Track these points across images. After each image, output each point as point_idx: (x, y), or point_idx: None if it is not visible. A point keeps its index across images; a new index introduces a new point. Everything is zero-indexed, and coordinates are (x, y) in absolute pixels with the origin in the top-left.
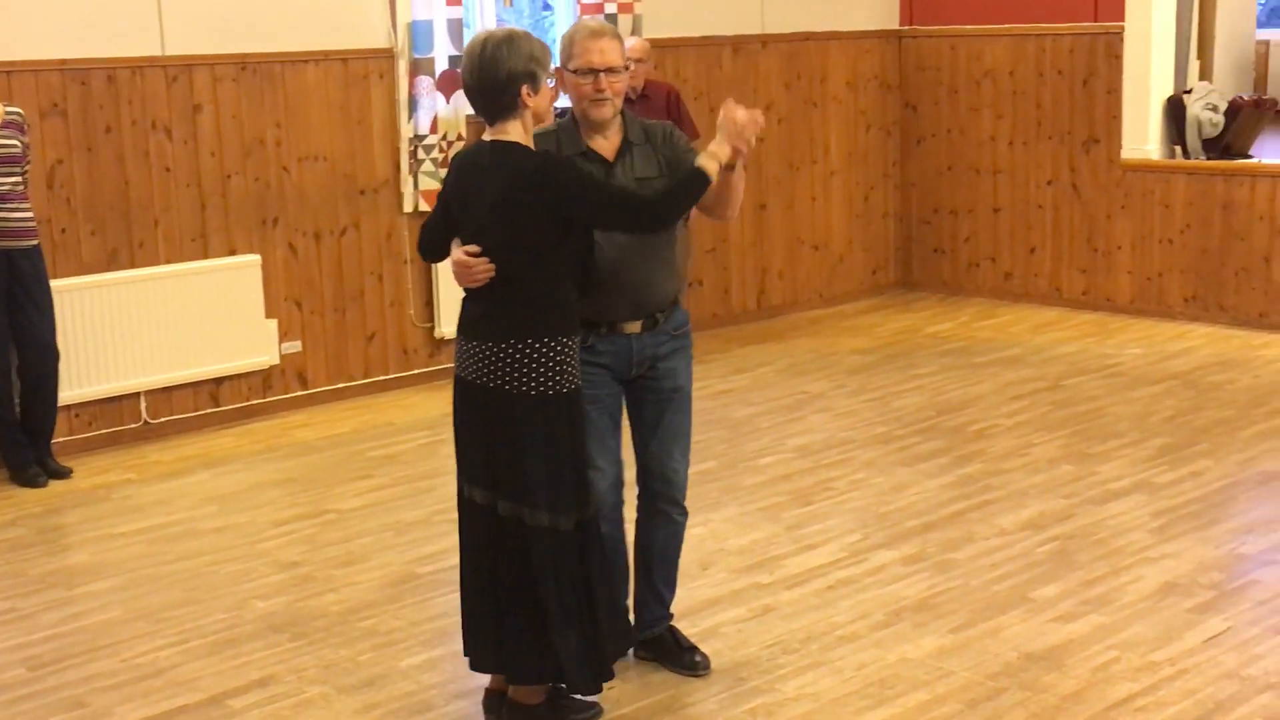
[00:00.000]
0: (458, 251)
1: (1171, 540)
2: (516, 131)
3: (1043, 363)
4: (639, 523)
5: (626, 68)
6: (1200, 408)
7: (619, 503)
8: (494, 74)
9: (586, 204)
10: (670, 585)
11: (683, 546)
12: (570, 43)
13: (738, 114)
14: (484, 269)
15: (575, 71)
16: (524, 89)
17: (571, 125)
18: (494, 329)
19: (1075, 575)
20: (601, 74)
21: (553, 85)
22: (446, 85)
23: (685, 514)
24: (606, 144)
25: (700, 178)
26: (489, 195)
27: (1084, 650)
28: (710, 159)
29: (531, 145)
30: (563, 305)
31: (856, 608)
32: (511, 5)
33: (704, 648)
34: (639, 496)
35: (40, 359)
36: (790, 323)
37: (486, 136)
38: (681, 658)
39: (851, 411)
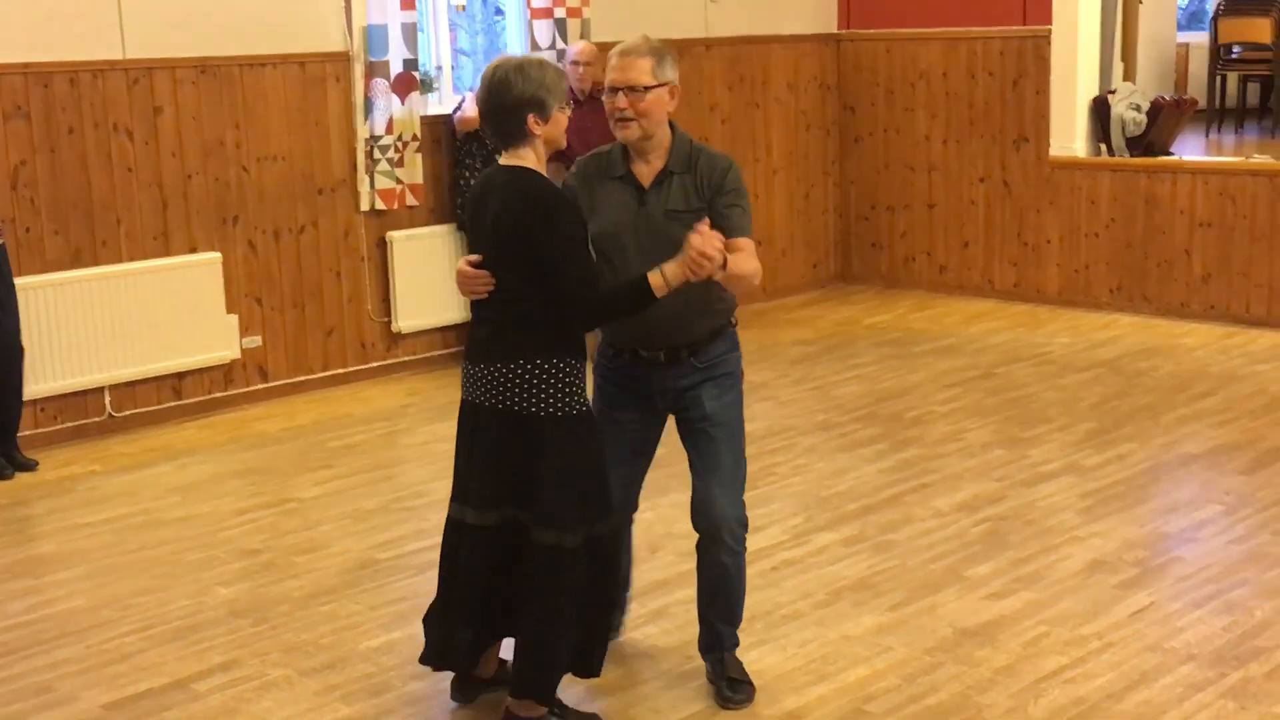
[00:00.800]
0: (461, 262)
1: (1098, 520)
2: (530, 158)
3: (976, 352)
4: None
5: (648, 89)
6: (1125, 394)
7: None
8: (501, 100)
9: (548, 265)
10: (727, 619)
11: (744, 579)
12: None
13: (694, 241)
14: (484, 282)
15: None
16: (530, 117)
17: (620, 147)
18: (501, 350)
19: (1007, 554)
20: (620, 92)
21: (569, 112)
22: (401, 87)
23: (735, 552)
24: (647, 169)
25: (643, 292)
26: (493, 214)
27: (1015, 625)
28: (658, 275)
29: (544, 172)
30: (562, 327)
31: (799, 587)
32: (465, 10)
33: (653, 628)
34: None
35: (5, 355)
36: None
37: (502, 161)
38: (718, 685)
39: (794, 400)
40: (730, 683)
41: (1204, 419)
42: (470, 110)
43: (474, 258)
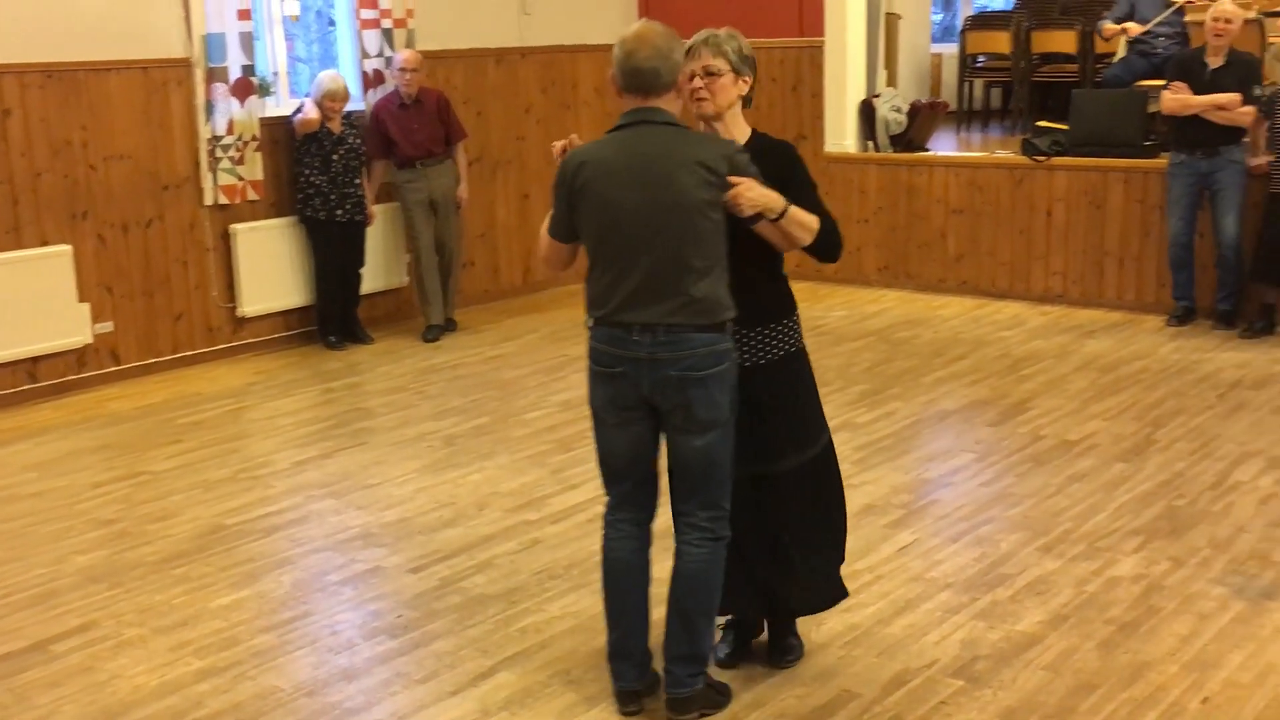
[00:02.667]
0: None
1: (871, 469)
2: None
3: None
4: None
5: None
6: (892, 359)
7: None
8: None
9: None
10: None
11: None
12: None
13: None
14: None
15: None
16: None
17: None
18: None
19: None
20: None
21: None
22: (240, 91)
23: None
24: None
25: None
26: None
27: None
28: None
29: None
30: None
31: None
32: (299, 20)
33: (480, 578)
34: None
35: None
36: (552, 296)
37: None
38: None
39: None
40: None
41: (958, 379)
42: (311, 113)
43: None
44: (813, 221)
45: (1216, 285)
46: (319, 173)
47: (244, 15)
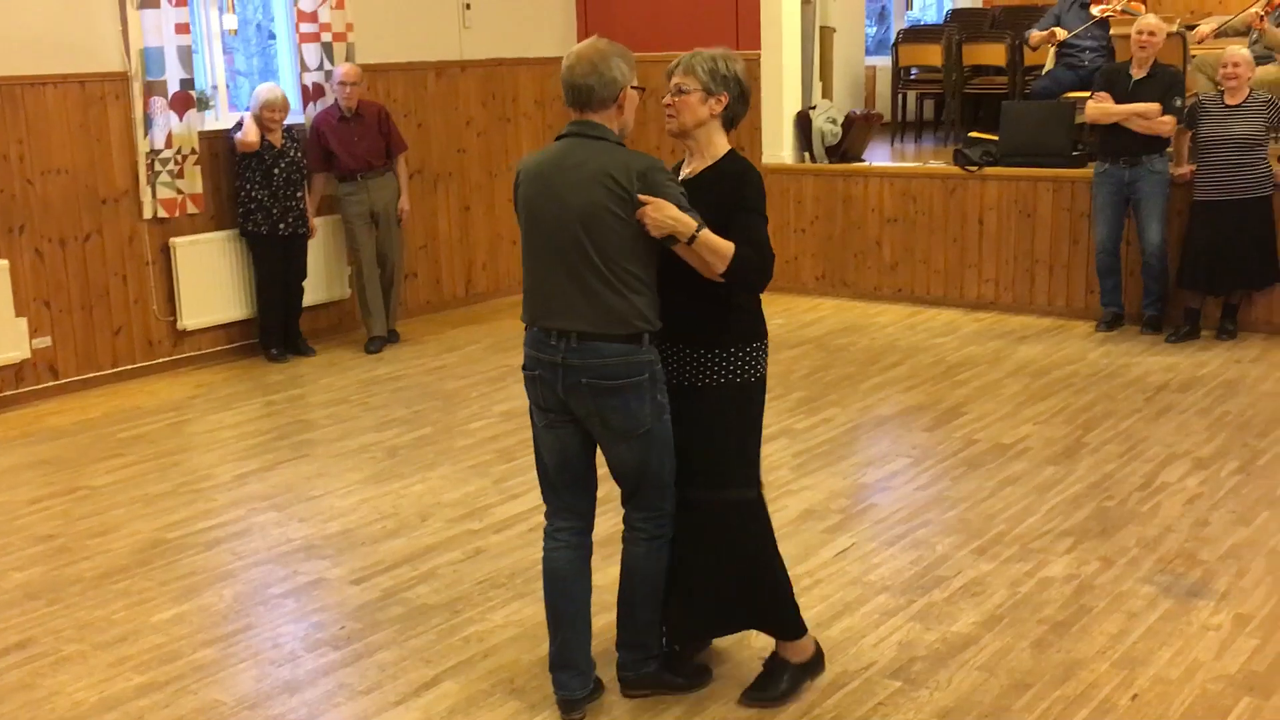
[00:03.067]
0: None
1: (809, 475)
2: None
3: None
4: None
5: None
6: (830, 366)
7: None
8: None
9: None
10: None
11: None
12: None
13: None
14: None
15: None
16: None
17: None
18: None
19: None
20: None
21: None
22: (179, 105)
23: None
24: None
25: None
26: None
27: None
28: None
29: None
30: None
31: None
32: (238, 34)
33: (423, 588)
34: None
35: None
36: (493, 307)
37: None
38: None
39: None
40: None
41: (894, 385)
42: (250, 134)
43: None
44: (725, 248)
45: (1143, 291)
46: (261, 187)
47: (182, 29)
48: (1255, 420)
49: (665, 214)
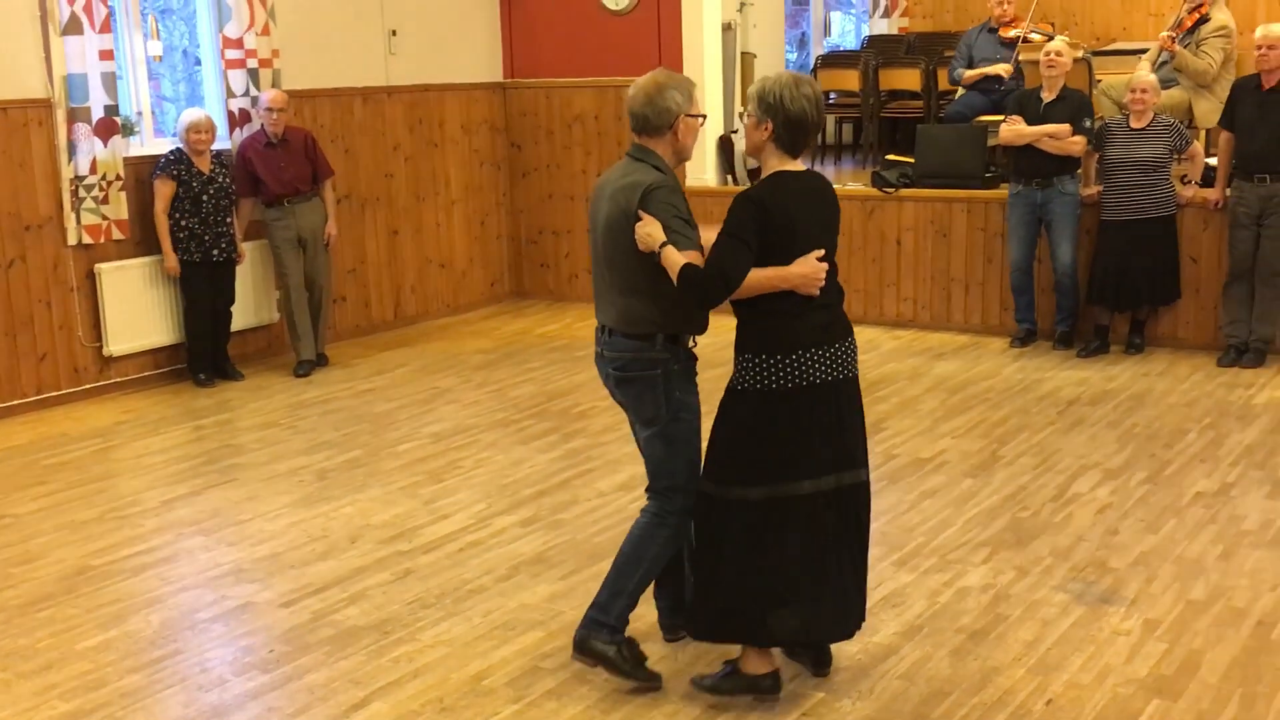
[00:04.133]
0: (813, 262)
1: None
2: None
3: None
4: None
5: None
6: None
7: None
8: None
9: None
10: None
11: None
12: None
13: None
14: (824, 272)
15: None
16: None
17: None
18: (846, 327)
19: None
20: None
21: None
22: (103, 131)
23: (648, 514)
24: None
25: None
26: (832, 211)
27: None
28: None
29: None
30: None
31: (483, 565)
32: (162, 60)
33: (353, 610)
34: None
35: None
36: (422, 330)
37: (791, 168)
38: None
39: (476, 401)
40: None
41: None
42: (169, 262)
43: (820, 252)
44: (674, 264)
45: (1055, 308)
46: (190, 215)
47: (106, 55)
48: (1162, 431)
49: (643, 230)
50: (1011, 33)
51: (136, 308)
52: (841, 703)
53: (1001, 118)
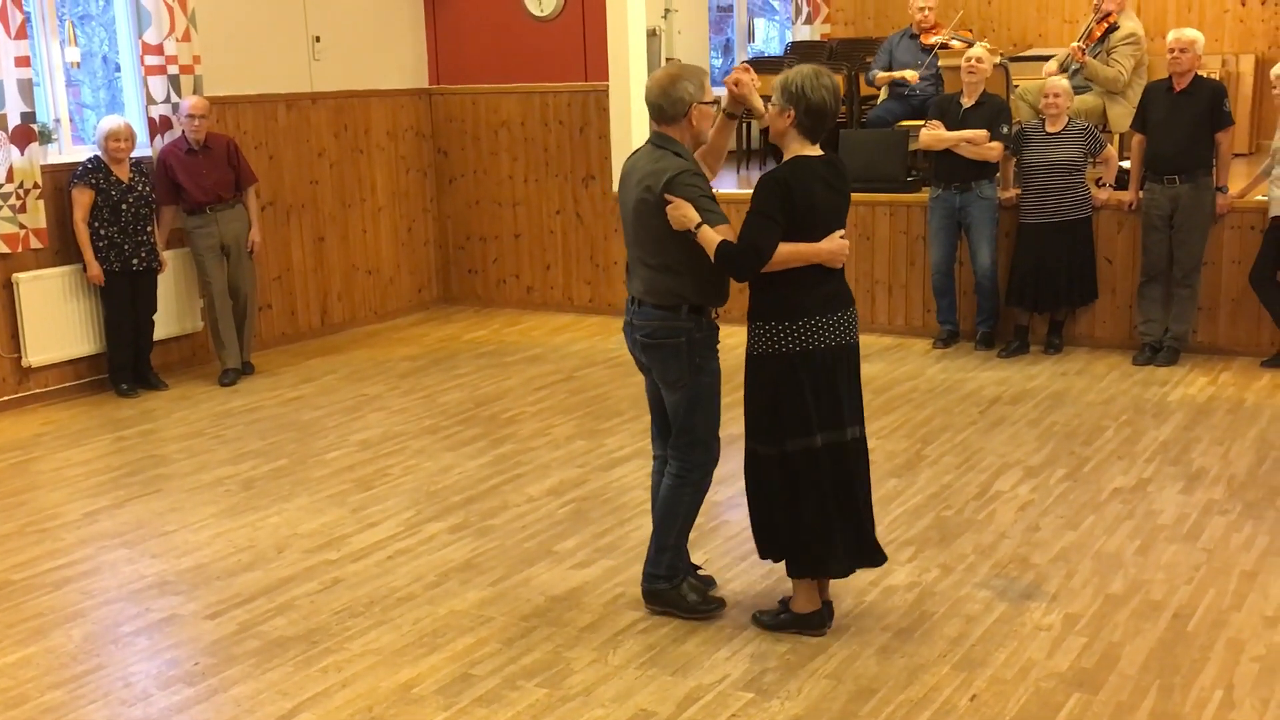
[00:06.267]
0: (839, 239)
1: None
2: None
3: (560, 359)
4: None
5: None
6: None
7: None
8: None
9: None
10: (653, 536)
11: (674, 507)
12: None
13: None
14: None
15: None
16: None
17: None
18: (847, 298)
19: (589, 529)
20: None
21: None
22: (20, 139)
23: (674, 478)
24: None
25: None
26: (843, 196)
27: (597, 589)
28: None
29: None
30: None
31: (412, 572)
32: (80, 66)
33: (281, 620)
34: None
35: None
36: (350, 337)
37: (809, 152)
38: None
39: (404, 409)
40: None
41: (743, 405)
42: (92, 271)
43: (843, 231)
44: (711, 242)
45: (976, 310)
46: (109, 224)
47: (22, 62)
48: (1081, 429)
49: (679, 212)
50: (932, 39)
51: (56, 318)
52: (770, 703)
53: (922, 122)
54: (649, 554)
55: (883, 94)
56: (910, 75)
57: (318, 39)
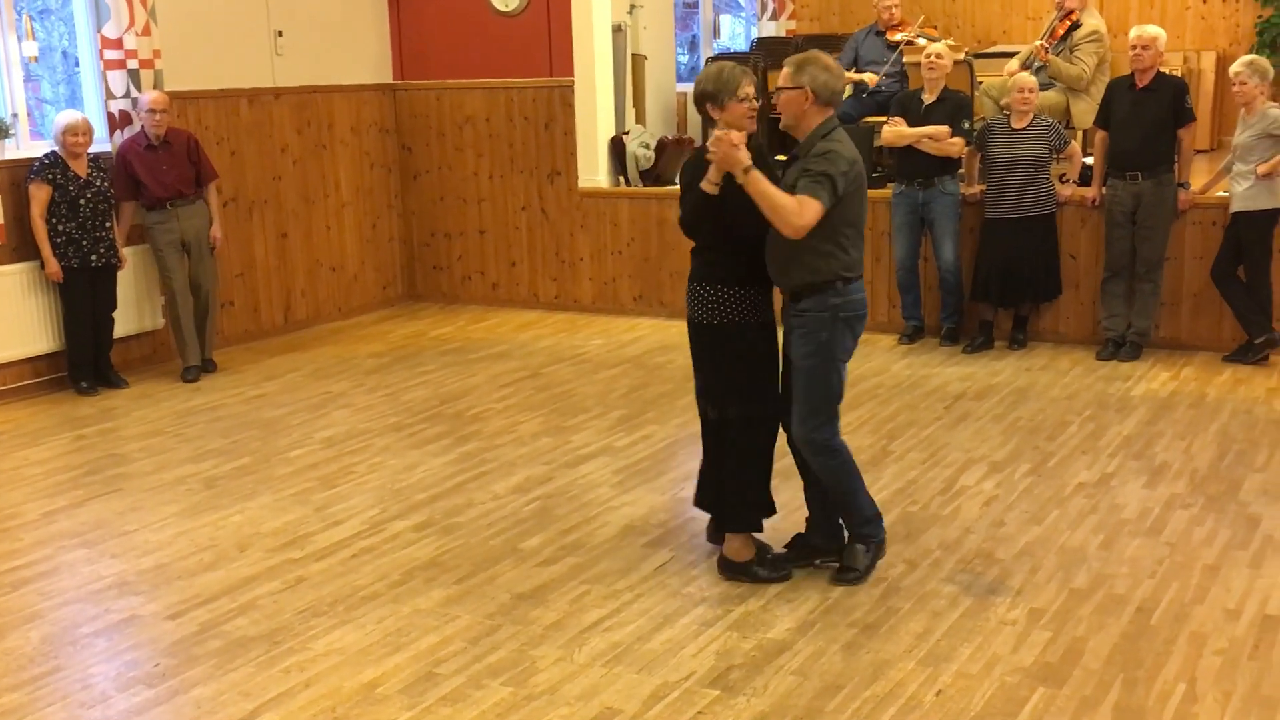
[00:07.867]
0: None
1: (629, 491)
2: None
3: (525, 355)
4: None
5: (782, 89)
6: (648, 384)
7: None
8: (694, 94)
9: None
10: (840, 512)
11: (841, 482)
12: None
13: (715, 132)
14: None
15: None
16: (708, 105)
17: None
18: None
19: (555, 526)
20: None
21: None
22: None
23: (816, 459)
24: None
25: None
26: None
27: (562, 587)
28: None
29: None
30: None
31: (376, 571)
32: (38, 61)
33: (243, 620)
34: None
35: None
36: (314, 334)
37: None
38: (835, 571)
39: (369, 406)
40: (842, 570)
41: None
42: (50, 268)
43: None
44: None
45: (940, 305)
46: (67, 220)
47: None
48: (1045, 424)
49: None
50: (897, 36)
51: (14, 315)
52: (737, 700)
53: (885, 119)
54: (850, 527)
55: (846, 91)
56: (870, 78)
57: (280, 33)
